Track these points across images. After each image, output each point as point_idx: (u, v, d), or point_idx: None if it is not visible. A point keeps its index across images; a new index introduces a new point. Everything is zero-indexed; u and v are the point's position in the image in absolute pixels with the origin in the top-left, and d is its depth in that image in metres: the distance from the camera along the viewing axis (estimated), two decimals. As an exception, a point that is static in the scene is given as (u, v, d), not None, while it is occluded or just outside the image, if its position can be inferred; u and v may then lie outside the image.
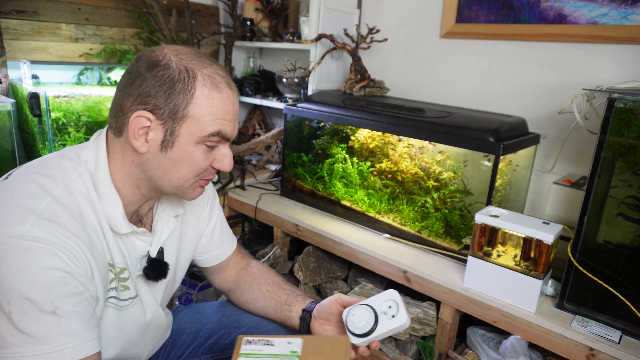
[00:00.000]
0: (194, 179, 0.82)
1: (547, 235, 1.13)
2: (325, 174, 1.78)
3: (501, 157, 1.32)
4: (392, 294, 0.88)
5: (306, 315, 0.99)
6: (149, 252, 0.88)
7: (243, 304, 1.12)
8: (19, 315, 0.65)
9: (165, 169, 0.79)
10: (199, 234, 1.05)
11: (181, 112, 0.75)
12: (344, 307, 0.92)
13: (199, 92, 0.76)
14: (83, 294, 0.71)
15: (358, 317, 0.87)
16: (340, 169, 1.73)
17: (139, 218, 0.89)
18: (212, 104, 0.77)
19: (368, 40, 1.89)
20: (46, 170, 0.76)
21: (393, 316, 0.86)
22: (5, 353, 0.65)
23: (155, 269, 0.88)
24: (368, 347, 0.88)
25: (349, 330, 0.87)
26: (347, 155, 1.71)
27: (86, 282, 0.72)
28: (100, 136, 0.83)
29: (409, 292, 1.51)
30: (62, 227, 0.70)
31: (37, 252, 0.66)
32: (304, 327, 0.99)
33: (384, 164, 1.62)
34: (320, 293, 1.73)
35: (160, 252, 0.90)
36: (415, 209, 1.55)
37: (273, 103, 2.23)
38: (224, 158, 0.83)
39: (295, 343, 0.78)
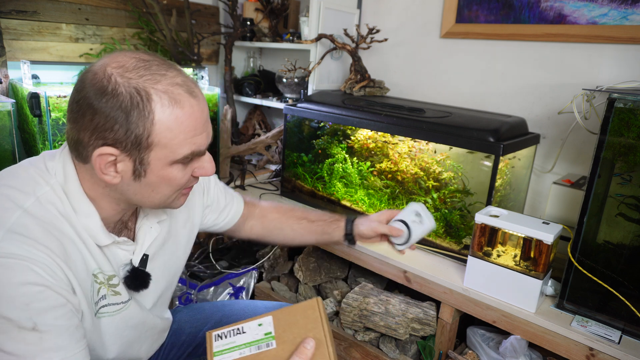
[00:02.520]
0: (176, 194, 0.78)
1: (547, 235, 1.13)
2: (325, 174, 1.78)
3: (501, 157, 1.32)
4: (416, 206, 1.13)
5: (349, 237, 1.16)
6: (131, 260, 0.85)
7: (282, 244, 1.50)
8: None
9: (144, 194, 0.75)
10: (201, 217, 1.05)
11: (144, 141, 0.68)
12: (386, 223, 1.14)
13: (159, 115, 0.67)
14: (65, 306, 0.68)
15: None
16: (340, 169, 1.73)
17: (124, 225, 0.86)
18: (178, 124, 0.69)
19: (368, 40, 1.89)
20: (15, 181, 0.72)
21: (421, 222, 1.12)
22: None
23: (137, 279, 0.85)
24: (410, 248, 1.13)
25: (393, 242, 1.15)
26: (347, 155, 1.71)
27: (67, 294, 0.69)
28: (66, 149, 0.77)
29: (409, 292, 1.51)
30: (34, 241, 0.66)
31: (10, 268, 0.63)
32: (351, 242, 1.18)
33: (384, 164, 1.62)
34: (321, 293, 1.73)
35: (144, 259, 0.86)
36: (415, 209, 1.54)
37: (273, 103, 2.23)
38: (205, 164, 0.78)
39: (267, 323, 0.76)
